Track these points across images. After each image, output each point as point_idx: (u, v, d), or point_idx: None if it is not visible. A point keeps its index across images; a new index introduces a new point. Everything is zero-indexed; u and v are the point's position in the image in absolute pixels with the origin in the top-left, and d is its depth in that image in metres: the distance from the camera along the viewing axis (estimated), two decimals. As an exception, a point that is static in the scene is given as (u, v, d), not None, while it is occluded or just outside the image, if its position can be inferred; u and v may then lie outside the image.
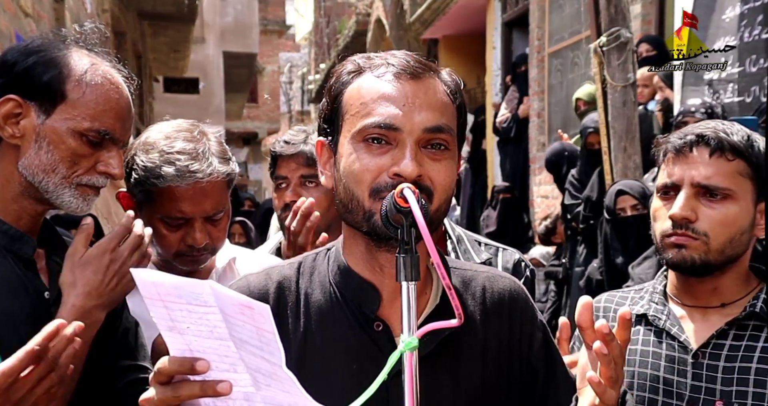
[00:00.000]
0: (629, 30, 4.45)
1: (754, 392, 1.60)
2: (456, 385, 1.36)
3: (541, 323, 1.48)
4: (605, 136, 4.62)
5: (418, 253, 1.20)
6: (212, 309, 1.07)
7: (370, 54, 1.39)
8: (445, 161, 1.32)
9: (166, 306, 1.10)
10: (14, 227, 1.58)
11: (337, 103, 1.36)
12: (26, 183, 1.57)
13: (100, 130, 1.56)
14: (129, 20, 11.62)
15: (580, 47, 7.92)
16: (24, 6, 5.22)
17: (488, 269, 1.53)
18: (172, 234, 1.95)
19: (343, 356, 1.34)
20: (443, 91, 1.35)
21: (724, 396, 1.63)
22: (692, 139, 1.67)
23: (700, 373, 1.66)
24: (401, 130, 1.28)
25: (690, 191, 1.66)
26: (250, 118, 29.74)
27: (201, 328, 1.10)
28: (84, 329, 1.45)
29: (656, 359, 1.72)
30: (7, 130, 1.56)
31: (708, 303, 1.72)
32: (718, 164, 1.64)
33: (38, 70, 1.55)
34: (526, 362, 1.43)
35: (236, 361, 1.11)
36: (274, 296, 1.39)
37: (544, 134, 8.83)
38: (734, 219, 1.64)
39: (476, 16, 10.91)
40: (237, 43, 20.34)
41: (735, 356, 1.64)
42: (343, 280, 1.38)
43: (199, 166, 1.91)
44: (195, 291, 1.07)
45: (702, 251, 1.64)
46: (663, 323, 1.73)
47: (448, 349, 1.34)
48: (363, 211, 1.30)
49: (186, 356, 1.12)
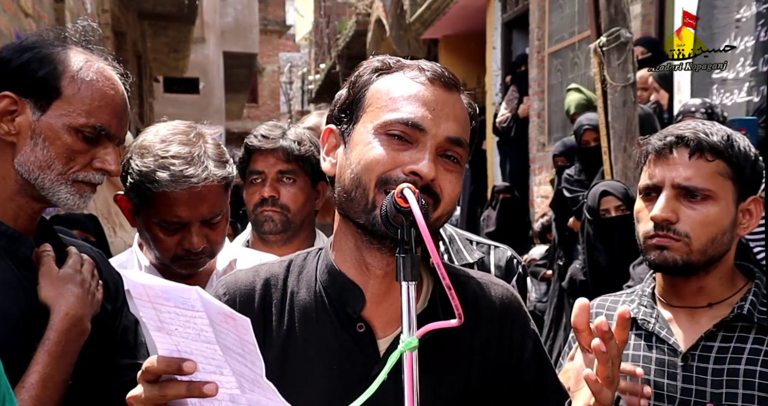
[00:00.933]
0: (629, 30, 4.45)
1: (743, 393, 1.61)
2: (436, 389, 1.33)
3: (533, 332, 1.45)
4: (605, 136, 4.61)
5: (418, 253, 1.20)
6: (199, 313, 1.08)
7: (394, 57, 1.40)
8: (456, 174, 1.33)
9: (154, 307, 1.12)
10: (12, 228, 1.57)
11: (360, 95, 1.36)
12: (22, 181, 1.57)
13: (95, 126, 1.56)
14: (129, 20, 11.62)
15: (580, 47, 7.92)
16: (24, 6, 5.23)
17: (482, 275, 1.52)
18: (170, 238, 1.94)
19: (323, 356, 1.33)
20: (466, 108, 1.37)
21: (714, 399, 1.63)
22: (672, 141, 1.67)
23: (690, 375, 1.66)
24: (426, 132, 1.29)
25: (671, 193, 1.66)
26: (250, 118, 29.74)
27: (188, 330, 1.10)
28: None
29: (646, 363, 1.72)
30: (3, 127, 1.55)
31: (695, 303, 1.72)
32: (698, 165, 1.65)
33: (33, 66, 1.55)
34: (515, 371, 1.41)
35: (222, 364, 1.12)
36: (260, 292, 1.39)
37: (544, 134, 8.83)
38: (715, 219, 1.64)
39: (476, 16, 10.92)
40: (237, 43, 20.36)
41: (724, 358, 1.65)
42: (329, 279, 1.38)
43: (194, 171, 1.88)
44: (183, 296, 1.08)
45: (684, 252, 1.65)
46: (652, 326, 1.73)
47: (430, 353, 1.32)
48: (366, 201, 1.29)
49: (174, 356, 1.13)
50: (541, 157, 8.70)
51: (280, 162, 2.31)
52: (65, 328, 1.52)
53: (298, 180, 2.34)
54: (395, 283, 1.28)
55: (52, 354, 1.50)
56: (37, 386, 1.47)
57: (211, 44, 20.16)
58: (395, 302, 1.32)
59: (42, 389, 1.47)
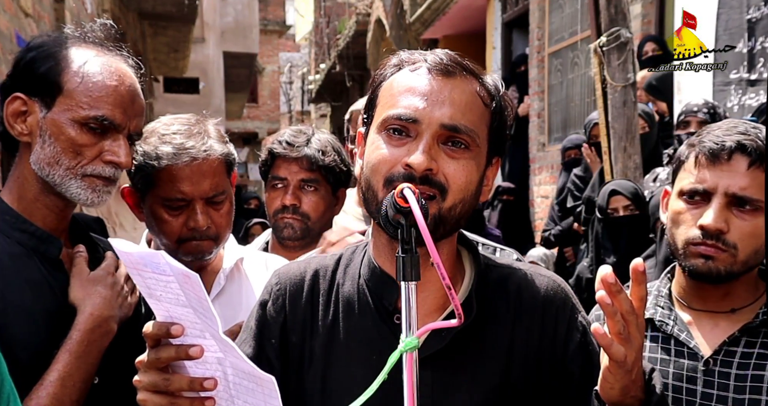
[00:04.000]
0: (629, 30, 4.45)
1: (767, 400, 1.57)
2: (472, 382, 1.35)
3: (581, 324, 1.43)
4: (605, 136, 4.61)
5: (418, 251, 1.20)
6: (171, 278, 1.13)
7: (414, 51, 1.41)
8: (464, 160, 1.32)
9: (140, 274, 1.17)
10: (41, 228, 1.59)
11: (374, 95, 1.39)
12: (40, 179, 1.58)
13: (98, 117, 1.56)
14: (129, 20, 11.62)
15: (580, 47, 7.92)
16: (24, 6, 5.23)
17: (528, 267, 1.51)
18: (175, 219, 1.97)
19: (364, 347, 1.37)
20: (475, 92, 1.35)
21: (736, 404, 1.59)
22: (731, 146, 1.61)
23: (711, 380, 1.62)
24: (420, 122, 1.30)
25: (723, 201, 1.60)
26: (250, 118, 29.77)
27: (169, 296, 1.16)
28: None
29: (665, 366, 1.67)
30: (16, 128, 1.58)
31: (718, 308, 1.68)
32: (754, 175, 1.60)
33: (36, 64, 1.57)
34: (560, 363, 1.40)
35: (204, 328, 1.16)
36: (309, 282, 1.44)
37: (544, 134, 8.82)
38: (762, 231, 1.59)
39: (476, 16, 10.91)
40: (237, 43, 20.34)
41: (747, 363, 1.60)
42: (369, 273, 1.41)
43: (195, 143, 1.94)
44: (154, 261, 1.13)
45: (729, 263, 1.60)
46: (671, 328, 1.69)
47: (466, 346, 1.35)
48: (376, 202, 1.32)
49: (166, 321, 1.20)
50: (541, 157, 8.70)
51: (303, 171, 2.36)
52: (89, 328, 1.54)
53: (320, 188, 2.40)
54: (429, 274, 1.31)
55: (74, 353, 1.52)
56: (55, 383, 1.49)
57: (211, 44, 20.14)
58: (431, 292, 1.37)
59: (60, 387, 1.49)
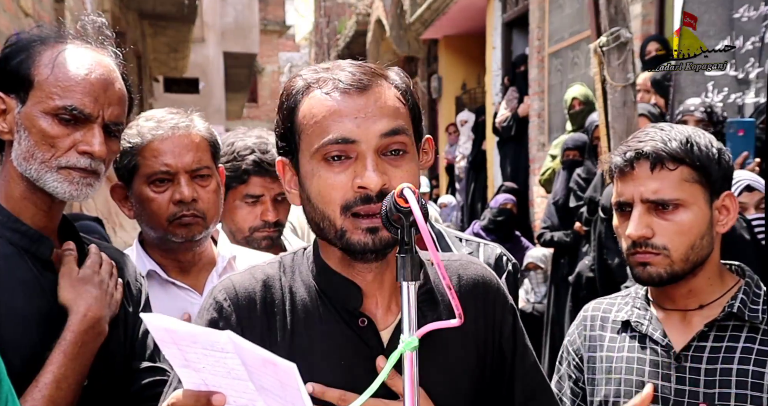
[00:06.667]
0: (629, 30, 4.44)
1: (736, 393, 1.60)
2: (445, 374, 1.38)
3: (512, 307, 1.50)
4: (605, 136, 4.61)
5: (418, 252, 1.21)
6: (230, 355, 1.05)
7: (316, 67, 1.39)
8: (406, 165, 1.33)
9: (180, 349, 1.09)
10: (33, 228, 1.58)
11: (291, 121, 1.36)
12: (23, 176, 1.57)
13: (67, 107, 1.54)
14: (129, 20, 11.62)
15: (580, 47, 7.92)
16: (24, 6, 5.23)
17: (460, 256, 1.54)
18: (161, 196, 1.98)
19: (331, 353, 1.35)
20: (393, 95, 1.35)
21: (708, 399, 1.63)
22: (632, 156, 1.66)
23: (683, 376, 1.66)
24: (358, 142, 1.29)
25: (642, 208, 1.66)
26: (250, 118, 29.74)
27: (218, 369, 1.08)
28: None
29: (641, 365, 1.72)
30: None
31: (687, 306, 1.72)
32: (661, 177, 1.64)
33: (9, 60, 1.56)
34: (498, 346, 1.46)
35: (255, 397, 1.09)
36: (261, 294, 1.40)
37: (544, 134, 8.83)
38: (690, 226, 1.64)
39: (476, 16, 10.93)
40: (237, 43, 20.35)
41: (716, 357, 1.64)
42: (325, 279, 1.39)
43: (178, 118, 2.01)
44: (211, 339, 1.05)
45: (666, 264, 1.65)
46: (645, 328, 1.73)
47: (435, 340, 1.35)
48: (335, 229, 1.31)
49: (201, 389, 1.12)
50: (541, 157, 8.70)
51: (279, 185, 2.32)
52: (82, 329, 1.53)
53: None
54: (386, 274, 1.35)
55: (68, 355, 1.50)
56: (50, 386, 1.47)
57: (211, 44, 20.15)
58: (388, 292, 1.39)
59: (56, 389, 1.48)
